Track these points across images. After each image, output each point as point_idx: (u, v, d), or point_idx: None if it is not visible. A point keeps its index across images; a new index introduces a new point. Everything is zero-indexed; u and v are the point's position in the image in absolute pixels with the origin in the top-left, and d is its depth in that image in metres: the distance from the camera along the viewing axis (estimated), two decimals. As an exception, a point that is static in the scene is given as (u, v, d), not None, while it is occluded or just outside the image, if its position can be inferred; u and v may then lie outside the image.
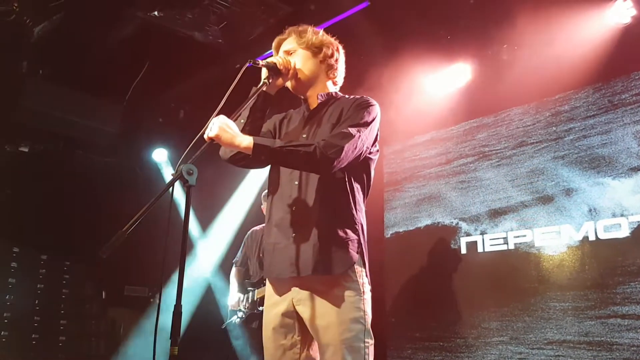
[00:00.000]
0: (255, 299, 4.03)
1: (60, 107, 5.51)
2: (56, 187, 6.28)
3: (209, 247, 6.69)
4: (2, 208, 6.35)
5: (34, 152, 6.29)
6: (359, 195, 2.24)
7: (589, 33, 4.18)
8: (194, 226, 6.70)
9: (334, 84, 2.42)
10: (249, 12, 4.44)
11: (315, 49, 2.32)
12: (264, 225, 4.17)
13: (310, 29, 2.37)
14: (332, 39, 2.40)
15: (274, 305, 2.21)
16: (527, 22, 4.26)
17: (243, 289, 4.25)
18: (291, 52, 2.33)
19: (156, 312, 1.76)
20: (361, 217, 2.23)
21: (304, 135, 2.27)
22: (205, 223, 6.74)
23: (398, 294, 5.47)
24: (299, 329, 2.17)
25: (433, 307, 5.14)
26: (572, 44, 4.21)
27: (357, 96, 2.33)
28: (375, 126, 2.23)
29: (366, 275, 2.17)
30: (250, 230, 4.39)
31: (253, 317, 4.03)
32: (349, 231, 2.15)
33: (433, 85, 5.05)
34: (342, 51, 2.44)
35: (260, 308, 3.96)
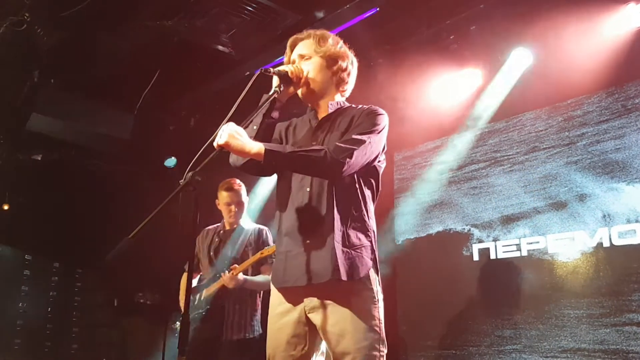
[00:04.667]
0: (202, 298, 3.94)
1: (72, 116, 5.55)
2: (68, 195, 6.32)
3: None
4: (15, 216, 6.41)
5: (47, 160, 6.34)
6: (370, 203, 2.25)
7: (601, 37, 4.14)
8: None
9: (342, 96, 2.41)
10: (257, 20, 4.45)
11: (331, 61, 2.31)
12: (217, 224, 4.14)
13: (331, 37, 2.35)
14: (349, 51, 2.38)
15: (284, 314, 2.18)
16: (538, 26, 4.24)
17: (193, 292, 4.11)
18: (306, 57, 2.31)
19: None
20: (372, 224, 2.23)
21: (314, 144, 2.25)
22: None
23: (409, 302, 5.43)
24: (309, 339, 2.15)
25: (445, 315, 5.09)
26: (585, 48, 4.17)
27: (366, 106, 2.32)
28: (384, 135, 2.24)
29: (379, 283, 2.16)
30: (203, 230, 4.28)
31: (197, 318, 3.91)
32: (362, 237, 2.15)
33: (443, 91, 5.03)
34: (355, 65, 2.42)
35: (208, 307, 3.84)
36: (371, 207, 2.25)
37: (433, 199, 5.46)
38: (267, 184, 6.10)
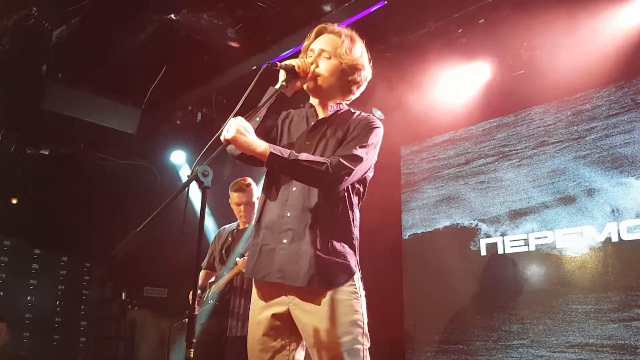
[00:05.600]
0: (210, 293, 4.00)
1: (80, 110, 5.56)
2: (76, 189, 6.35)
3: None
4: (23, 210, 6.44)
5: (55, 154, 6.37)
6: (356, 210, 2.26)
7: (610, 31, 4.10)
8: (212, 227, 6.71)
9: (344, 100, 2.41)
10: (264, 14, 4.44)
11: (350, 70, 2.29)
12: (233, 224, 4.20)
13: (358, 45, 2.33)
14: (369, 65, 2.36)
15: (264, 308, 2.18)
16: (547, 20, 4.20)
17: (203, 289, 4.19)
18: (327, 54, 2.28)
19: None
20: (356, 231, 2.24)
21: (307, 143, 2.26)
22: (223, 224, 6.74)
23: (416, 297, 5.42)
24: (289, 332, 2.14)
25: (452, 310, 5.08)
26: (594, 42, 4.14)
27: (364, 114, 2.32)
28: (378, 149, 2.28)
29: (360, 279, 2.17)
30: (220, 229, 4.34)
31: (203, 313, 3.98)
32: (346, 245, 2.16)
33: (451, 85, 5.00)
34: (368, 79, 2.39)
35: (211, 301, 3.93)
36: (357, 214, 2.26)
37: (440, 194, 5.44)
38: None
